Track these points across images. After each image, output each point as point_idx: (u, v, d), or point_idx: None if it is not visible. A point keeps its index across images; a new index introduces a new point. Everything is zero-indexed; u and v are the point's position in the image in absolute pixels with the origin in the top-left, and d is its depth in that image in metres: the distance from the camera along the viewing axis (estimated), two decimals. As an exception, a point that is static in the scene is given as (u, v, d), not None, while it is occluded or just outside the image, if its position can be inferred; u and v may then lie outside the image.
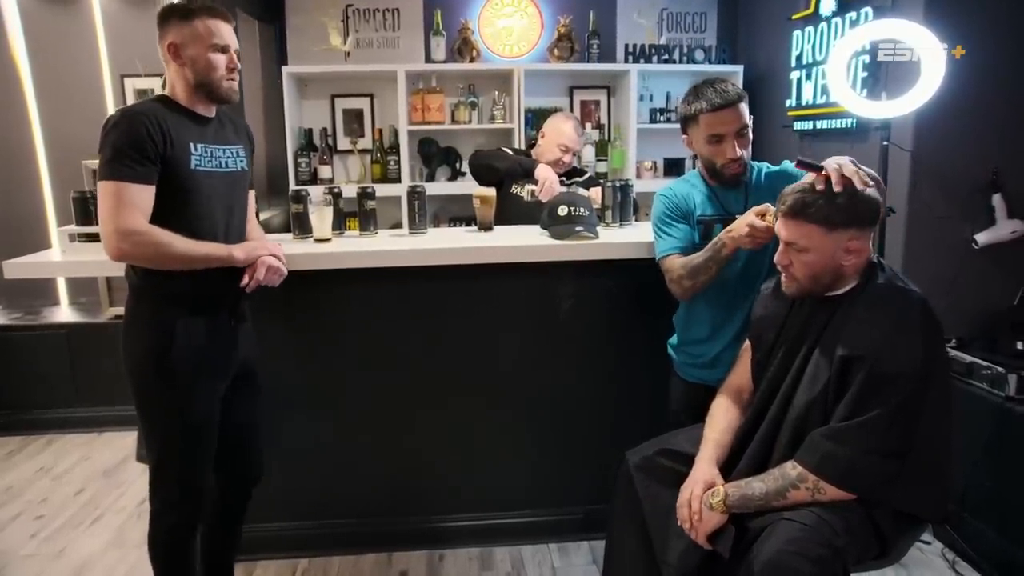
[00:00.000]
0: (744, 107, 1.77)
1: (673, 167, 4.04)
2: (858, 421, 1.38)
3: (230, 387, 1.78)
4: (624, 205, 2.39)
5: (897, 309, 1.44)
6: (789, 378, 1.53)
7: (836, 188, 1.40)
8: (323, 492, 2.30)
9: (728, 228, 1.74)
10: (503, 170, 2.68)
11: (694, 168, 1.97)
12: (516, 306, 2.26)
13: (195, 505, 1.73)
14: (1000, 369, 2.24)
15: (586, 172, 2.89)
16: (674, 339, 2.05)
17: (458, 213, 3.89)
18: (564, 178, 2.72)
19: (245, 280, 1.71)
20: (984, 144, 2.61)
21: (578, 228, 2.15)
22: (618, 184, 2.40)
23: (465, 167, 3.95)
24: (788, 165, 1.87)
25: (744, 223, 1.68)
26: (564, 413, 2.32)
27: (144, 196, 1.55)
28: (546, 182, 2.57)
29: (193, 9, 1.62)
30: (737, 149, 1.77)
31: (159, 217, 1.58)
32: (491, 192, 2.42)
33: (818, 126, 3.14)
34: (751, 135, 1.81)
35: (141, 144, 1.54)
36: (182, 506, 1.71)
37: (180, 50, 1.61)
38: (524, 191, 2.68)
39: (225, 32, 1.64)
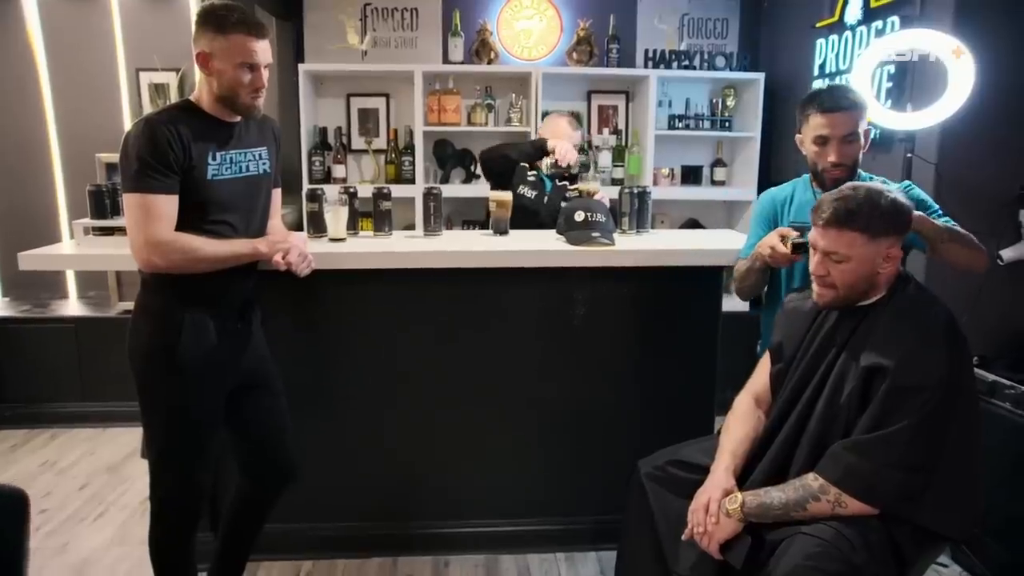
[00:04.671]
0: (858, 116, 1.79)
1: (690, 174, 4.02)
2: (882, 434, 1.38)
3: (243, 390, 1.80)
4: (641, 212, 2.40)
5: (923, 322, 1.45)
6: (811, 388, 1.54)
7: None
8: (330, 494, 2.30)
9: (764, 239, 1.79)
10: (515, 156, 2.69)
11: (712, 176, 1.99)
12: (530, 311, 2.27)
13: (195, 504, 1.74)
14: (1024, 388, 2.24)
15: (583, 172, 2.87)
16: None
17: (472, 216, 3.90)
18: (568, 182, 2.70)
19: (277, 259, 1.73)
20: (1012, 159, 2.59)
21: (595, 234, 2.16)
22: (635, 191, 2.40)
23: (479, 170, 3.92)
24: (913, 189, 1.90)
25: (768, 243, 1.73)
26: (575, 421, 2.32)
27: (170, 206, 1.59)
28: (560, 148, 2.60)
29: (229, 23, 1.60)
30: (840, 155, 1.78)
31: (177, 225, 1.61)
32: (507, 195, 2.43)
33: (841, 136, 3.11)
34: (862, 147, 1.83)
35: (164, 155, 1.57)
36: (182, 504, 1.73)
37: (209, 60, 1.62)
38: (529, 189, 2.67)
39: (258, 49, 1.63)
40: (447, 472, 2.34)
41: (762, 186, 3.73)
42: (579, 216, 2.22)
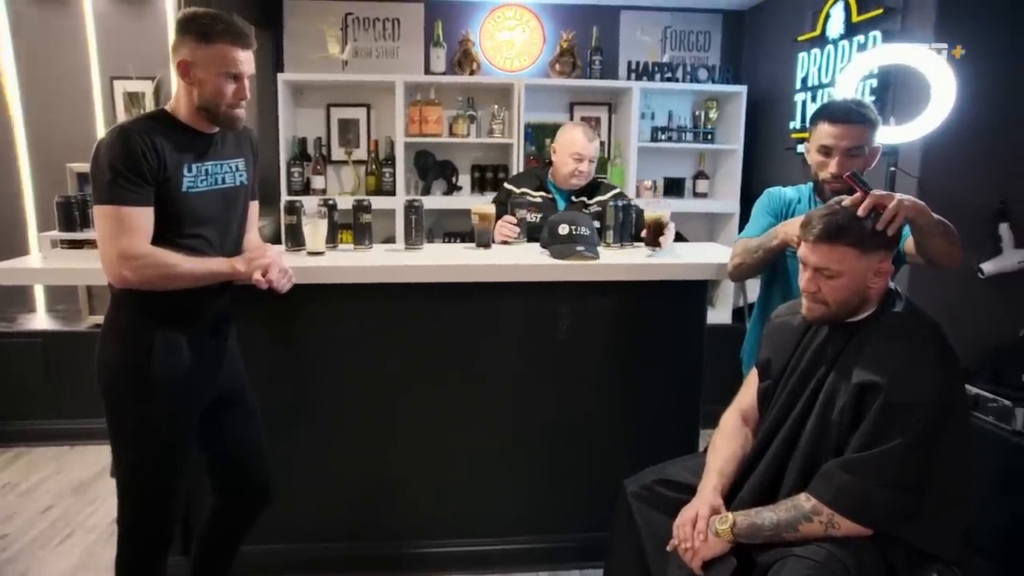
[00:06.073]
0: (866, 131, 1.79)
1: (673, 187, 4.04)
2: (875, 452, 1.37)
3: (218, 408, 1.75)
4: (625, 225, 2.38)
5: (915, 338, 1.45)
6: (801, 404, 1.53)
7: (860, 212, 1.42)
8: (310, 514, 2.25)
9: (789, 221, 1.78)
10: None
11: (695, 188, 1.98)
12: (513, 326, 2.25)
13: (166, 527, 1.69)
14: (1007, 402, 2.24)
15: (614, 187, 2.75)
16: (746, 347, 2.13)
17: (453, 228, 3.89)
18: (586, 197, 2.67)
19: (257, 276, 1.69)
20: (992, 172, 2.62)
21: (579, 248, 2.15)
22: (620, 204, 2.39)
23: (462, 181, 3.97)
24: None
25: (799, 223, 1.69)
26: (560, 437, 2.31)
27: (144, 219, 1.55)
28: (500, 231, 2.50)
29: (214, 31, 1.57)
30: (841, 167, 1.77)
31: (151, 239, 1.57)
32: (490, 208, 2.41)
33: (823, 149, 3.14)
34: (868, 163, 1.82)
35: (138, 165, 1.53)
36: (152, 528, 1.67)
37: (191, 69, 1.58)
38: (531, 213, 2.62)
39: (242, 60, 1.60)
40: (430, 490, 2.30)
41: (744, 199, 3.81)
42: (563, 230, 2.21)
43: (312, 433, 2.22)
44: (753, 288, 3.49)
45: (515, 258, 2.20)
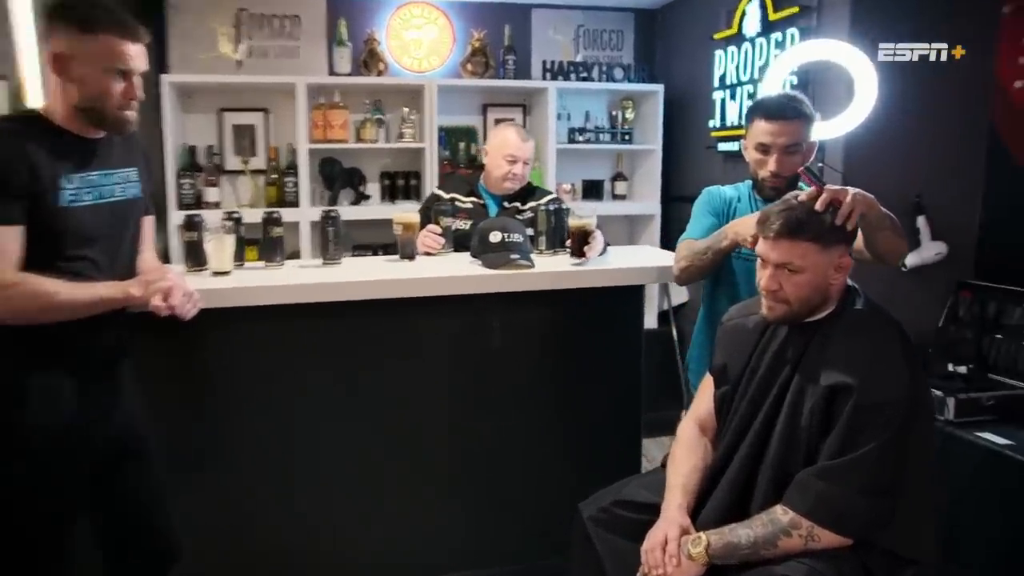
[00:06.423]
0: (802, 127, 1.79)
1: (592, 189, 3.99)
2: (851, 458, 1.33)
3: (110, 461, 1.51)
4: (558, 230, 2.30)
5: (879, 336, 1.42)
6: (765, 410, 1.47)
7: (818, 207, 1.40)
8: (223, 563, 2.00)
9: (738, 221, 1.74)
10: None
11: (613, 190, 1.92)
12: (442, 343, 2.13)
13: None
14: (938, 392, 2.30)
15: (549, 192, 2.67)
16: (692, 355, 2.09)
17: (363, 241, 3.67)
18: (519, 203, 2.57)
19: (157, 302, 1.47)
20: (910, 167, 2.68)
21: (513, 256, 2.07)
22: (551, 208, 2.31)
23: (371, 190, 3.79)
24: None
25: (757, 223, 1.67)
26: (496, 461, 2.20)
27: (12, 240, 1.32)
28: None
29: (96, 20, 1.36)
30: (780, 165, 1.78)
31: (25, 263, 1.34)
32: (414, 217, 2.27)
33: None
34: (806, 159, 1.83)
35: (5, 177, 1.30)
36: None
37: (69, 64, 1.37)
38: (458, 220, 2.48)
39: (132, 54, 1.41)
40: (359, 529, 2.12)
41: (665, 200, 3.82)
42: (495, 237, 2.12)
43: (220, 478, 1.99)
44: (678, 291, 3.65)
45: (445, 270, 2.09)
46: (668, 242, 3.57)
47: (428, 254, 2.34)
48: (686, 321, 3.56)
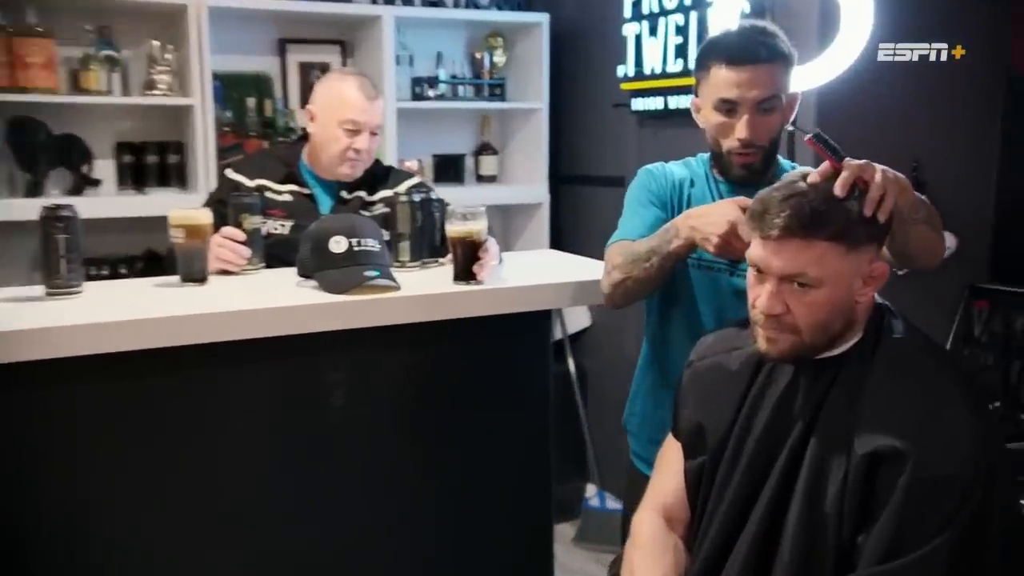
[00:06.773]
0: (781, 72, 1.67)
1: (447, 168, 3.53)
2: (909, 561, 1.25)
3: None
4: (427, 231, 2.06)
5: (934, 379, 1.35)
6: (770, 490, 1.38)
7: (837, 190, 1.31)
8: None
9: (691, 213, 1.64)
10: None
11: (478, 169, 2.65)
12: (257, 406, 1.89)
13: None
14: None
15: (409, 174, 2.46)
16: (633, 410, 1.98)
17: (98, 252, 3.01)
18: (365, 192, 2.30)
19: None
20: (905, 133, 2.64)
21: (368, 273, 1.85)
22: (416, 198, 2.06)
23: (102, 171, 3.14)
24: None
25: (725, 217, 1.55)
26: (351, 557, 1.98)
27: None
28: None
29: None
30: (752, 130, 1.66)
31: None
32: (203, 216, 1.92)
33: (672, 105, 2.77)
34: (786, 118, 1.73)
35: None
36: None
37: None
38: (273, 221, 2.27)
39: None
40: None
41: (554, 182, 3.56)
42: (338, 245, 1.88)
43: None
44: (573, 317, 3.41)
45: (257, 298, 1.84)
46: (560, 244, 3.36)
47: (226, 272, 2.05)
48: (586, 356, 3.42)
